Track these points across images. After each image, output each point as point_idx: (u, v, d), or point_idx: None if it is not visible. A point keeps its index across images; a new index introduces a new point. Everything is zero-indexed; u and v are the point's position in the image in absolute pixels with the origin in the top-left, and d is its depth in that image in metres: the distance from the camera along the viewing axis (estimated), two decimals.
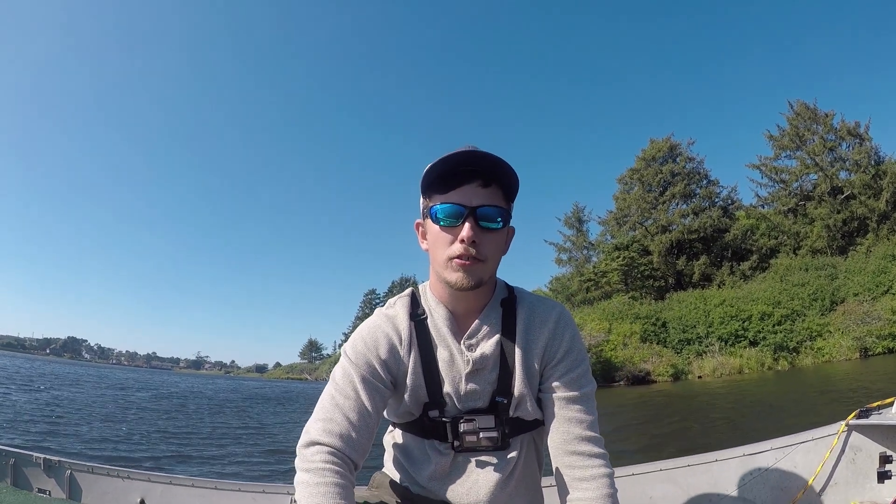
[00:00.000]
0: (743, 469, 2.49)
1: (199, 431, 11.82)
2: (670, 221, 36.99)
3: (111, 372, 57.39)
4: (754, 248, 34.74)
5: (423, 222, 1.36)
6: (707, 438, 8.86)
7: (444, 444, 1.36)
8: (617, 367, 27.69)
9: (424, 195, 1.31)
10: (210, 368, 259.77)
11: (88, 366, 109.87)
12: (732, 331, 27.28)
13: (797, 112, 35.19)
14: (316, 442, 1.20)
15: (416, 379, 1.34)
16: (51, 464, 3.24)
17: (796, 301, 27.31)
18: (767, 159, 36.72)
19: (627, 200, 39.57)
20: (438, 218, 1.26)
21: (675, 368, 26.50)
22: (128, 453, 8.29)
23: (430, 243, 1.32)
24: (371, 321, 1.40)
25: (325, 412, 1.25)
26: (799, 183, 34.98)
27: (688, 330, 28.74)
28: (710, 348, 26.94)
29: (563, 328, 1.36)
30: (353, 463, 1.23)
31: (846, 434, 2.37)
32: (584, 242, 43.36)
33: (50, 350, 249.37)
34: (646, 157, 39.15)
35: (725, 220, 36.16)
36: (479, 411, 1.34)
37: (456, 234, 1.24)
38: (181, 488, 3.07)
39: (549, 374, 1.34)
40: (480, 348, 1.33)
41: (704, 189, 37.65)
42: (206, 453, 8.86)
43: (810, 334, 25.71)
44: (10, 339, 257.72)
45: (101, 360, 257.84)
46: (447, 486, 1.36)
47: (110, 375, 45.77)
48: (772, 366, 25.03)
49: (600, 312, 32.54)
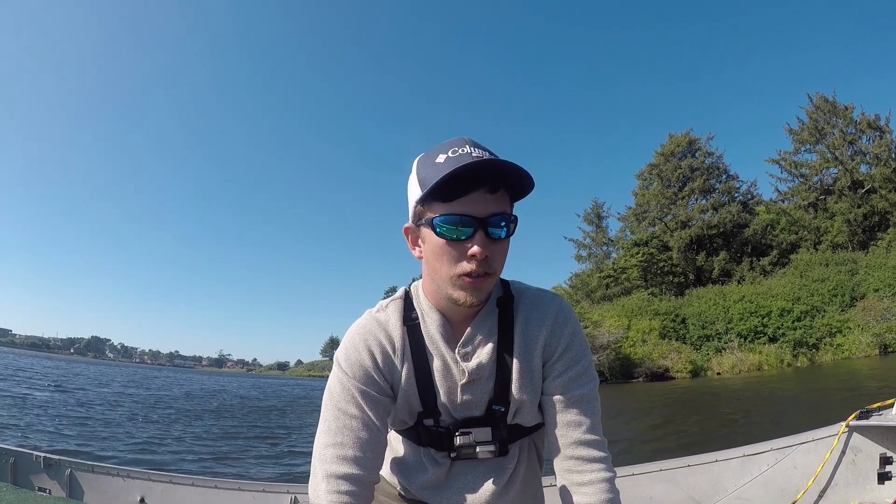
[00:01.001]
0: (743, 469, 2.51)
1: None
2: (689, 217, 36.95)
3: (149, 372, 55.98)
4: (774, 244, 34.61)
5: (415, 228, 1.24)
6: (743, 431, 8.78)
7: (440, 452, 1.34)
8: (636, 363, 27.91)
9: (420, 200, 1.18)
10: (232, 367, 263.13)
11: (114, 365, 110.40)
12: (752, 327, 27.31)
13: (816, 105, 34.96)
14: (334, 475, 1.16)
15: (409, 388, 1.29)
16: (51, 462, 3.26)
17: (816, 297, 27.25)
18: (787, 153, 36.55)
19: (646, 196, 39.56)
20: (442, 231, 1.14)
21: (693, 365, 26.64)
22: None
23: (430, 255, 1.20)
24: (361, 326, 1.31)
25: (333, 435, 1.20)
26: (819, 177, 34.90)
27: (707, 326, 28.83)
28: (729, 345, 26.99)
29: (562, 322, 1.30)
30: (369, 485, 1.21)
31: (846, 435, 2.39)
32: (603, 239, 43.59)
33: (74, 349, 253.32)
34: (665, 153, 39.12)
35: (745, 215, 36.08)
36: (476, 420, 1.30)
37: (463, 248, 1.14)
38: (181, 487, 3.12)
39: (548, 372, 1.29)
40: (476, 357, 1.27)
41: (724, 184, 37.54)
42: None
43: (830, 330, 25.65)
44: (34, 340, 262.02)
45: (124, 359, 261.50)
46: (444, 496, 1.34)
47: (156, 376, 44.74)
48: (791, 362, 25.07)
49: (619, 309, 32.66)
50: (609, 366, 27.83)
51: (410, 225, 1.24)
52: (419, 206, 1.18)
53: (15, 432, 9.65)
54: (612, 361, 27.99)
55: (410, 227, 1.25)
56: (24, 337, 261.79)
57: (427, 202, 1.16)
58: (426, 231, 1.18)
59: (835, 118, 34.19)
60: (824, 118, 34.47)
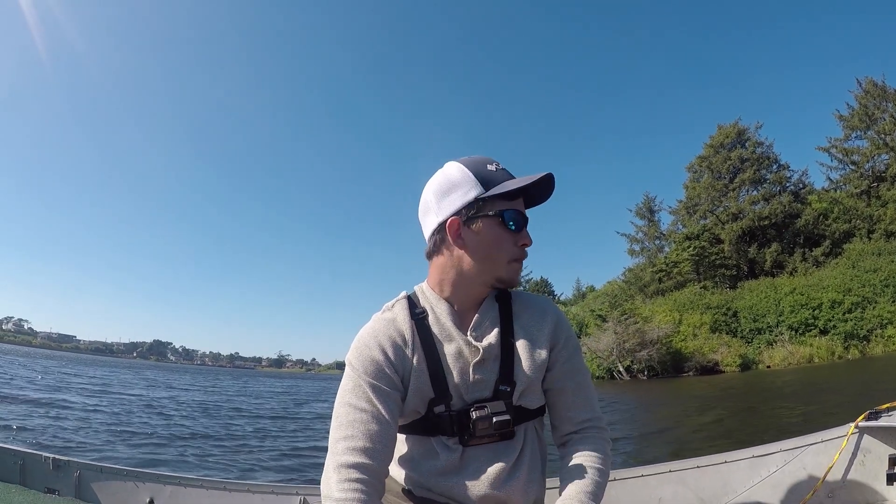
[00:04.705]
0: (752, 471, 2.53)
1: None
2: (741, 209, 36.94)
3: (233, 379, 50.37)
4: (827, 234, 34.39)
5: (464, 222, 1.40)
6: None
7: (451, 439, 1.40)
8: (686, 357, 29.02)
9: (480, 198, 1.39)
10: (291, 366, 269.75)
11: (176, 368, 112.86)
12: (802, 319, 27.53)
13: (866, 90, 34.64)
14: (344, 465, 1.23)
15: (420, 376, 1.38)
16: (59, 464, 3.29)
17: (867, 288, 27.01)
18: (837, 140, 36.18)
19: (697, 189, 39.96)
20: (509, 222, 1.39)
21: (743, 358, 27.33)
22: None
23: (486, 243, 1.40)
24: (370, 326, 1.43)
25: (344, 429, 1.28)
26: (871, 164, 34.79)
27: (758, 319, 29.25)
28: (780, 337, 27.41)
29: (561, 318, 1.50)
30: (380, 475, 1.28)
31: (856, 436, 2.39)
32: (655, 233, 44.39)
33: (137, 353, 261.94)
34: (714, 144, 39.43)
35: (797, 205, 36.02)
36: (485, 401, 1.39)
37: (516, 238, 1.41)
38: (190, 489, 3.15)
39: (555, 358, 1.45)
40: (487, 339, 1.40)
41: (774, 174, 37.50)
42: None
43: (881, 322, 25.69)
44: (98, 345, 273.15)
45: (185, 362, 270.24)
46: (458, 482, 1.38)
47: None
48: (842, 354, 25.19)
49: (671, 303, 33.60)
50: (659, 360, 29.22)
51: (458, 218, 1.40)
52: (480, 202, 1.39)
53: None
54: (663, 356, 29.35)
55: (457, 220, 1.40)
56: (88, 342, 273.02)
57: (490, 199, 1.39)
58: (485, 222, 1.39)
59: (885, 102, 33.77)
60: (874, 103, 34.13)
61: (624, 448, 8.09)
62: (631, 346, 29.87)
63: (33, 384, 19.88)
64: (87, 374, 34.00)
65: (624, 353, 30.10)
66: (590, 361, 30.92)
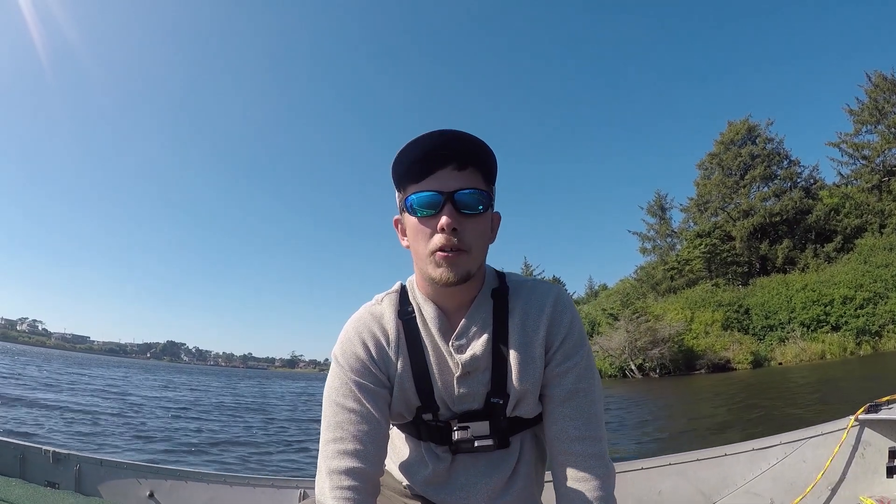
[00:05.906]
0: (752, 463, 2.53)
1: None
2: (752, 205, 37.27)
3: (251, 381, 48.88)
4: (838, 229, 34.41)
5: (400, 217, 1.31)
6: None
7: (440, 447, 1.35)
8: (698, 355, 29.32)
9: (398, 187, 1.28)
10: (304, 367, 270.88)
11: (190, 370, 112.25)
12: (814, 316, 27.84)
13: (875, 84, 34.72)
14: (335, 471, 1.20)
15: (404, 381, 1.31)
16: (59, 457, 3.28)
17: (879, 283, 27.37)
18: (847, 135, 36.29)
19: (708, 186, 40.15)
20: (415, 209, 1.22)
21: (754, 355, 27.60)
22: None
23: (410, 238, 1.27)
24: (356, 319, 1.37)
25: (333, 430, 1.24)
26: (882, 158, 34.83)
27: (770, 316, 29.54)
28: (791, 334, 27.65)
29: (561, 311, 1.32)
30: (373, 477, 1.24)
31: (856, 429, 2.39)
32: (667, 230, 44.57)
33: (150, 354, 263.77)
34: (724, 141, 39.62)
35: (808, 201, 36.08)
36: (475, 413, 1.31)
37: (435, 224, 1.20)
38: (191, 482, 3.15)
39: (548, 361, 1.31)
40: (471, 349, 1.29)
41: (785, 170, 37.63)
42: None
43: (893, 317, 25.86)
44: (112, 346, 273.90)
45: (199, 362, 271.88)
46: (447, 492, 1.34)
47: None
48: (854, 350, 25.55)
49: (683, 301, 33.90)
50: (671, 358, 29.60)
51: (398, 216, 1.33)
52: (399, 193, 1.28)
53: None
54: (675, 354, 29.71)
55: (398, 218, 1.33)
56: (101, 343, 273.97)
57: (402, 186, 1.26)
58: (406, 216, 1.27)
59: (895, 96, 33.87)
60: (884, 97, 34.22)
61: (647, 447, 8.25)
62: (643, 345, 30.23)
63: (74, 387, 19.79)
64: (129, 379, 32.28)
65: (636, 351, 30.46)
66: (602, 360, 31.32)
